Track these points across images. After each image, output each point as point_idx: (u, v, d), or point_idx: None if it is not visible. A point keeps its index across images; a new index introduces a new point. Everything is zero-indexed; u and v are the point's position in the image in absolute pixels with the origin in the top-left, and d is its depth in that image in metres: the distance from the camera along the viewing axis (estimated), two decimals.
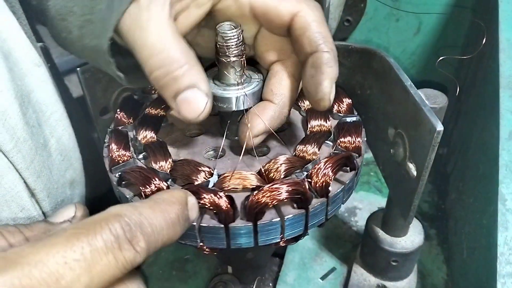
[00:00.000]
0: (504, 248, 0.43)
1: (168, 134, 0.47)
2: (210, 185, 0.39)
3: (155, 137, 0.45)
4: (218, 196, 0.36)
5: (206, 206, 0.36)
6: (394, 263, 0.55)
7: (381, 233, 0.55)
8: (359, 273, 0.60)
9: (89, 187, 0.60)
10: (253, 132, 0.39)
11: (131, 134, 0.47)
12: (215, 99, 0.40)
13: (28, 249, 0.25)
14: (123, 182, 0.41)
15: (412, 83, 0.39)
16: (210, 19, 0.40)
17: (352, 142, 0.43)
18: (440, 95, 0.41)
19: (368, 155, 0.49)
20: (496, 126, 0.51)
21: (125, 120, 0.49)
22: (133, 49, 0.36)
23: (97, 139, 0.61)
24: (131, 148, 0.45)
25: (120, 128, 0.48)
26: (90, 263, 0.25)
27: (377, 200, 0.74)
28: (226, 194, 0.37)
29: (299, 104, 0.49)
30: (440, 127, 0.35)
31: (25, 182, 0.43)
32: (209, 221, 0.36)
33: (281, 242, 0.38)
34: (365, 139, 0.45)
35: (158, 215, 0.30)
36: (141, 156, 0.44)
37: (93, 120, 0.56)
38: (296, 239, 0.39)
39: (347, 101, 0.48)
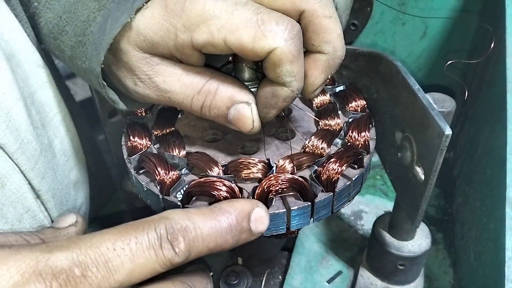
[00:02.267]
0: None
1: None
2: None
3: (170, 129, 0.46)
4: (233, 187, 0.37)
5: (222, 197, 0.36)
6: (401, 267, 0.55)
7: (388, 237, 0.55)
8: (366, 277, 0.60)
9: (93, 189, 0.61)
10: (311, 89, 0.38)
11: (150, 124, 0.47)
12: None
13: (87, 235, 0.30)
14: (141, 171, 0.41)
15: (420, 87, 0.40)
16: None
17: (362, 137, 0.43)
18: (448, 99, 0.41)
19: (374, 158, 0.49)
20: (503, 130, 0.50)
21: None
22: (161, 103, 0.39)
23: (104, 141, 0.62)
24: (148, 138, 0.45)
25: (137, 119, 0.48)
26: (134, 254, 0.29)
27: (383, 204, 0.74)
28: (237, 184, 0.38)
29: (311, 100, 0.50)
30: (448, 131, 0.35)
31: (30, 183, 0.44)
32: None
33: (286, 233, 0.39)
34: (375, 137, 0.45)
35: (207, 223, 0.32)
36: (157, 145, 0.44)
37: (101, 123, 0.57)
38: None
39: (361, 101, 0.48)
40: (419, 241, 0.55)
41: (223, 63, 0.45)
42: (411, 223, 0.45)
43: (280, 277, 0.62)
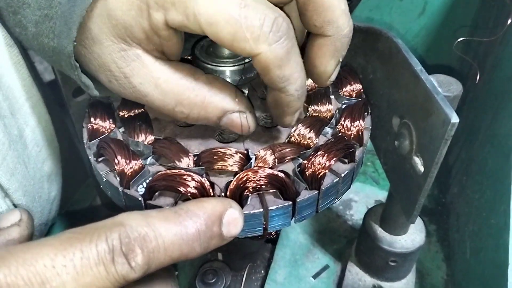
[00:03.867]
0: None
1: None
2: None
3: (139, 110, 0.40)
4: (203, 182, 0.32)
5: (189, 194, 0.32)
6: (392, 263, 0.51)
7: (379, 231, 0.51)
8: (354, 273, 0.56)
9: (65, 178, 0.55)
10: (325, 77, 0.35)
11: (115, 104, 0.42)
12: (207, 71, 0.36)
13: (20, 247, 0.24)
14: (100, 158, 0.36)
15: (422, 68, 0.35)
16: None
17: (355, 127, 0.39)
18: (454, 81, 0.36)
19: None
20: (508, 118, 0.46)
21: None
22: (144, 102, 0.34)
23: (70, 124, 0.56)
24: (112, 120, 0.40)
25: (101, 98, 0.42)
26: (79, 272, 0.24)
27: (374, 193, 0.70)
28: (209, 178, 0.33)
29: None
30: (455, 119, 0.31)
31: None
32: None
33: (263, 235, 0.35)
34: (370, 127, 0.41)
35: (171, 228, 0.27)
36: (123, 129, 0.39)
37: (65, 103, 0.51)
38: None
39: (356, 85, 0.43)
40: (413, 236, 0.51)
41: (199, 36, 0.40)
42: (407, 218, 0.40)
43: (262, 271, 0.58)
